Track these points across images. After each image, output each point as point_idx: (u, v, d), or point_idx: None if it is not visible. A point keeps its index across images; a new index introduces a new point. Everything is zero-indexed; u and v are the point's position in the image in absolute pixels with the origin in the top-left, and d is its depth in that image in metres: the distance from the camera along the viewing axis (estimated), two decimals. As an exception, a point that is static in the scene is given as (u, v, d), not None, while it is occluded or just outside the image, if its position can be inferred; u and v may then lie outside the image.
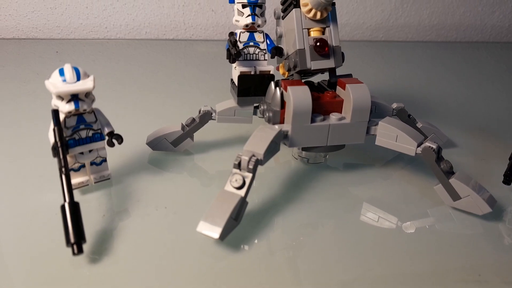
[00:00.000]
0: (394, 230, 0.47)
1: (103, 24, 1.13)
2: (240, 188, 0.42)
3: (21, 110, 0.70)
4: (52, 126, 0.42)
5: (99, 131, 0.46)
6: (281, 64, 0.55)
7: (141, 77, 0.89)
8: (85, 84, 0.42)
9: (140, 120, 0.68)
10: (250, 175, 0.42)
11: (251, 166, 0.42)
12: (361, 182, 0.55)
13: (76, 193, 0.47)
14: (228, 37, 0.51)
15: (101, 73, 0.90)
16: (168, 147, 0.55)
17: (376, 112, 0.58)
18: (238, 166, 0.43)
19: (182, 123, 0.55)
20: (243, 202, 0.42)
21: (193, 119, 0.55)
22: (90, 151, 0.47)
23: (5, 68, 0.89)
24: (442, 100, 0.85)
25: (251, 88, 0.53)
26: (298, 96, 0.47)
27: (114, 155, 0.54)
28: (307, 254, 0.42)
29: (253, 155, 0.43)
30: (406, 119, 0.58)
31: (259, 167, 0.44)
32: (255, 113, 0.55)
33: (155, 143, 0.55)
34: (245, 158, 0.43)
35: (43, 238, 0.41)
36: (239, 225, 0.44)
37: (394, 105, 0.58)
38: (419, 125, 0.59)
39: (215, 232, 0.39)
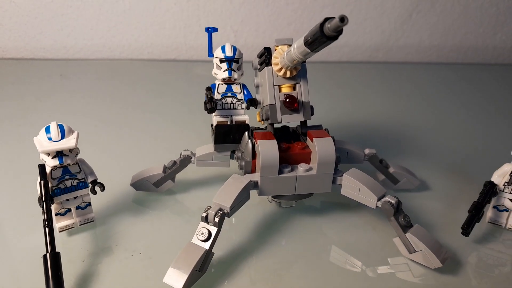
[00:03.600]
0: (358, 274, 0.50)
1: (107, 45, 1.18)
2: (206, 240, 0.46)
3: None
4: (39, 179, 0.47)
5: (83, 180, 0.51)
6: (258, 112, 0.59)
7: (140, 99, 0.94)
8: (68, 143, 0.46)
9: (131, 154, 0.72)
10: (216, 228, 0.46)
11: (216, 220, 0.46)
12: (331, 225, 0.58)
13: (63, 235, 0.53)
14: (205, 91, 0.55)
15: (102, 93, 0.96)
16: (150, 188, 0.60)
17: (348, 158, 0.61)
18: (206, 219, 0.47)
19: (164, 165, 0.59)
20: (208, 254, 0.46)
21: (174, 162, 0.59)
22: (75, 197, 0.51)
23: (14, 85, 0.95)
24: (432, 130, 0.87)
25: (227, 136, 0.57)
26: (266, 150, 0.51)
27: (102, 194, 0.58)
28: None
29: (220, 209, 0.47)
30: (378, 165, 0.61)
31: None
32: (232, 157, 0.59)
33: (138, 184, 0.59)
34: (211, 213, 0.46)
35: (27, 280, 0.46)
36: (209, 269, 0.48)
37: (367, 151, 0.61)
38: (391, 170, 0.62)
39: (179, 283, 0.43)
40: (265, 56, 0.53)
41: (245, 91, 0.58)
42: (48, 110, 0.87)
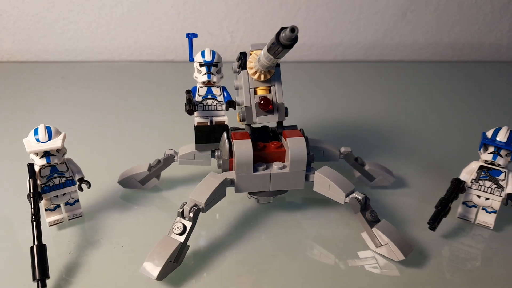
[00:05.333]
0: (332, 267, 0.53)
1: (107, 47, 1.22)
2: (181, 234, 0.49)
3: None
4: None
5: (70, 177, 0.55)
6: (238, 113, 0.62)
7: (136, 99, 0.98)
8: (54, 144, 0.50)
9: (124, 153, 0.76)
10: (190, 223, 0.50)
11: (191, 215, 0.50)
12: (310, 221, 0.61)
13: (52, 229, 0.56)
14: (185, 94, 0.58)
15: (101, 94, 1.00)
16: (137, 185, 0.63)
17: (324, 156, 0.64)
18: (182, 214, 0.50)
19: (150, 163, 0.63)
20: (183, 246, 0.50)
21: (159, 161, 0.62)
22: (63, 194, 0.55)
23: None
24: (422, 128, 0.90)
25: (208, 136, 0.60)
26: (241, 150, 0.54)
27: (91, 191, 0.62)
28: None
29: (195, 205, 0.51)
30: (353, 163, 0.64)
31: (216, 205, 0.53)
32: (213, 156, 0.62)
33: (125, 182, 0.63)
34: (187, 208, 0.50)
35: (17, 271, 0.50)
36: (189, 262, 0.52)
37: (342, 149, 0.64)
38: (366, 167, 0.65)
39: (153, 273, 0.47)
40: (241, 61, 0.56)
41: (225, 93, 0.61)
42: (48, 111, 0.92)
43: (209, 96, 0.60)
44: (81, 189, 0.55)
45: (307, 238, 0.58)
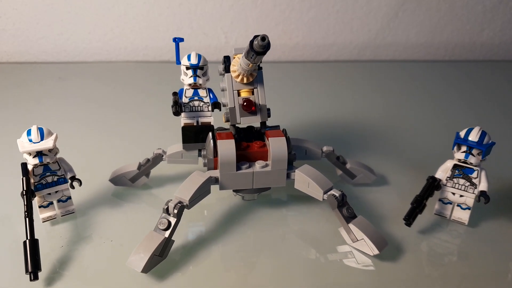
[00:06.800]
0: (313, 261, 0.56)
1: (104, 48, 1.25)
2: (166, 229, 0.52)
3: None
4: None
5: (63, 176, 0.58)
6: (223, 114, 0.65)
7: (132, 99, 1.01)
8: (46, 144, 0.53)
9: (118, 152, 0.79)
10: (175, 219, 0.52)
11: (176, 211, 0.52)
12: (295, 217, 0.63)
13: (46, 224, 0.59)
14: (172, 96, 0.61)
15: (98, 94, 1.03)
16: (127, 183, 0.66)
17: (307, 155, 0.66)
18: (166, 211, 0.53)
19: (139, 162, 0.66)
20: (167, 241, 0.52)
21: (148, 160, 0.65)
22: (56, 191, 0.58)
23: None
24: (408, 127, 0.92)
25: (194, 136, 0.63)
26: (224, 149, 0.57)
27: (84, 188, 0.64)
28: (237, 280, 0.52)
29: (180, 202, 0.53)
30: (335, 161, 0.66)
31: (205, 201, 0.57)
32: (200, 155, 0.65)
33: (115, 180, 0.66)
34: (171, 205, 0.53)
35: (14, 264, 0.53)
36: (175, 256, 0.55)
37: (324, 148, 0.66)
38: (348, 166, 0.67)
39: (139, 266, 0.49)
40: (225, 64, 0.59)
41: (211, 95, 0.63)
42: (45, 111, 0.95)
43: (196, 98, 0.63)
44: (72, 187, 0.58)
45: (291, 233, 0.61)
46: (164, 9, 1.23)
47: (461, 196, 0.60)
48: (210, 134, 0.60)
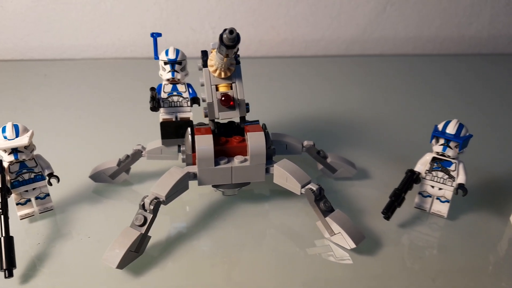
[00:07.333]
0: (293, 255, 0.56)
1: (91, 44, 1.24)
2: (142, 225, 0.52)
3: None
4: (-3, 173, 0.54)
5: (40, 173, 0.57)
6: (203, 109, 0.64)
7: (118, 95, 1.00)
8: (21, 141, 0.53)
9: (103, 147, 0.79)
10: (151, 215, 0.52)
11: (151, 207, 0.52)
12: (277, 212, 0.64)
13: (24, 222, 0.59)
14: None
15: (83, 91, 1.02)
16: (107, 180, 0.66)
17: (288, 149, 0.66)
18: (143, 207, 0.53)
19: (119, 159, 0.66)
20: (143, 237, 0.52)
21: (128, 156, 0.65)
22: (33, 189, 0.58)
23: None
24: (392, 121, 0.92)
25: (173, 132, 0.63)
26: (202, 145, 0.57)
27: (65, 185, 0.64)
28: (217, 275, 0.52)
29: (156, 197, 0.53)
30: (315, 155, 0.66)
31: (187, 197, 0.57)
32: (180, 151, 0.65)
33: (95, 176, 0.65)
34: (147, 201, 0.52)
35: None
36: (153, 253, 0.55)
37: (305, 143, 0.66)
38: (328, 160, 0.67)
39: (114, 262, 0.49)
40: (202, 59, 0.58)
41: (190, 90, 0.63)
42: (29, 109, 0.94)
43: (175, 93, 0.63)
44: (50, 184, 0.58)
45: (272, 228, 0.61)
46: (151, 5, 1.22)
47: (440, 189, 0.60)
48: (189, 129, 0.60)
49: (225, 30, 0.46)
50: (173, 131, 0.62)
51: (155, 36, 0.63)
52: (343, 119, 0.93)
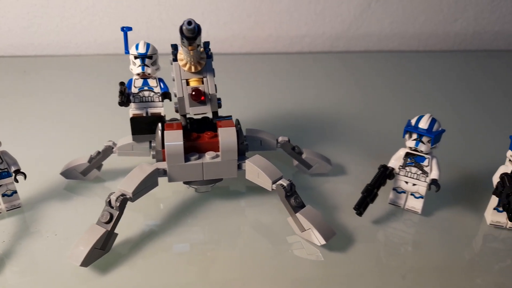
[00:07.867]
0: (266, 251, 0.55)
1: (73, 41, 1.23)
2: (107, 222, 0.51)
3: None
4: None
5: (6, 169, 0.56)
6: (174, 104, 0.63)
7: (97, 92, 0.99)
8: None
9: (79, 143, 0.77)
10: (117, 212, 0.51)
11: (118, 204, 0.51)
12: (252, 208, 0.63)
13: (-10, 219, 0.58)
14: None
15: (62, 88, 1.01)
16: (78, 177, 0.65)
17: (262, 145, 0.65)
18: (109, 203, 0.52)
19: (90, 155, 0.64)
20: (110, 234, 0.51)
21: (99, 152, 0.64)
22: (0, 185, 0.57)
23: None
24: (370, 117, 0.91)
25: (144, 127, 0.61)
26: (171, 140, 0.56)
27: (35, 182, 0.63)
28: (190, 272, 0.51)
29: (123, 194, 0.52)
30: (290, 151, 0.66)
31: (160, 194, 0.57)
32: (151, 147, 0.64)
33: (67, 173, 0.64)
34: (113, 198, 0.51)
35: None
36: (122, 251, 0.54)
37: (280, 139, 0.65)
38: (303, 156, 0.66)
39: (78, 260, 0.48)
40: (172, 53, 0.57)
41: (161, 85, 0.62)
42: (7, 106, 0.93)
43: (146, 88, 0.61)
44: (16, 181, 0.56)
45: (246, 224, 0.60)
46: (133, 0, 1.21)
47: (414, 184, 0.59)
48: (160, 124, 0.59)
49: (184, 21, 0.46)
50: (144, 126, 0.61)
51: (125, 30, 0.62)
52: (323, 116, 0.92)
